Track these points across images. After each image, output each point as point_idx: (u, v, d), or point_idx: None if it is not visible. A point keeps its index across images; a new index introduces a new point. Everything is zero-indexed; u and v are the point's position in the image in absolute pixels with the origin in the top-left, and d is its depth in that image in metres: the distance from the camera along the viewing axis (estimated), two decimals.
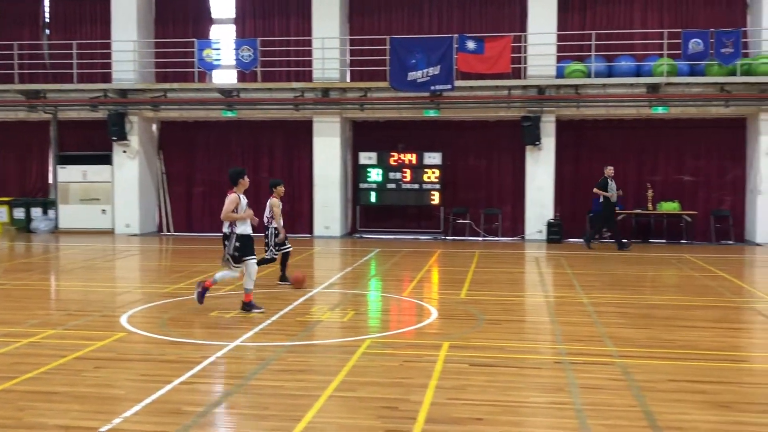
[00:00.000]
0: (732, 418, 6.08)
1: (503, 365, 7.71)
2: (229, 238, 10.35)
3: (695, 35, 19.49)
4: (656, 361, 7.90)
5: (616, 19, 21.35)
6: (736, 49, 19.28)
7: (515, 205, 21.70)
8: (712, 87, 19.99)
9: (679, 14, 21.14)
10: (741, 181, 21.11)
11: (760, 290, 12.70)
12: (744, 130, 21.15)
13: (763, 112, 19.94)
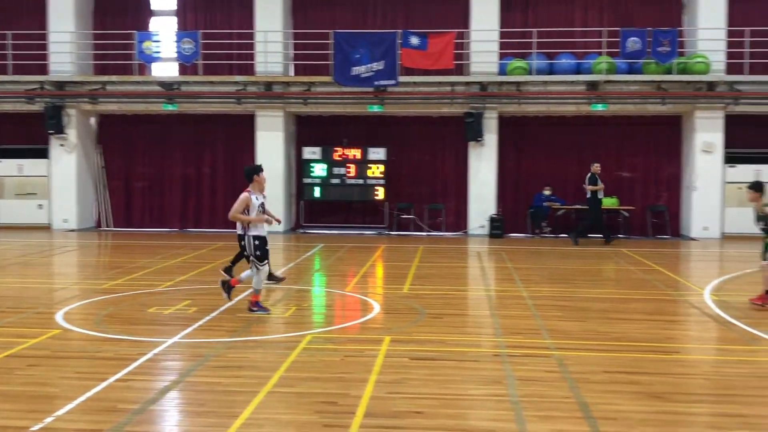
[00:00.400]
0: (664, 408, 6.24)
1: (443, 359, 7.77)
2: (245, 240, 9.95)
3: (633, 34, 19.90)
4: (592, 353, 8.06)
5: (556, 17, 21.65)
6: (672, 48, 19.75)
7: (458, 201, 21.87)
8: (650, 85, 20.45)
9: (618, 13, 21.55)
10: (677, 178, 21.65)
11: (694, 283, 13.06)
12: (680, 128, 21.69)
13: (698, 110, 20.48)
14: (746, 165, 20.63)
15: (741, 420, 5.95)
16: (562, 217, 21.33)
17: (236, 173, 22.37)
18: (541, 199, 21.26)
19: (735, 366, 7.66)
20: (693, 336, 9.44)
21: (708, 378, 7.24)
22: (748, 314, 10.07)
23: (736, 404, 6.35)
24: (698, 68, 20.04)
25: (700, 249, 18.76)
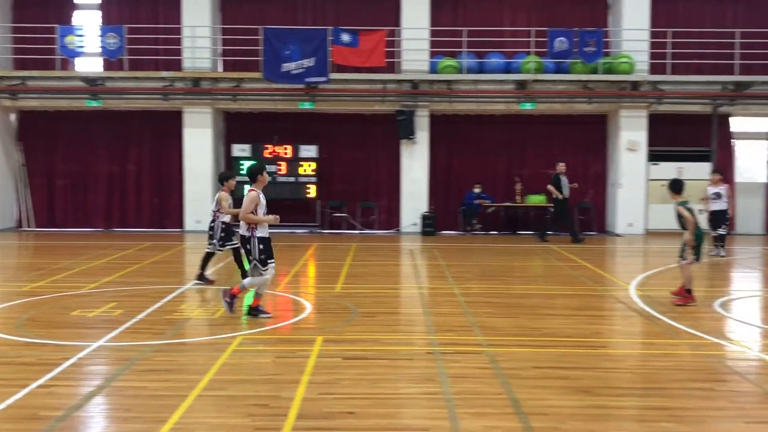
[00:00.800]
0: (592, 402, 6.34)
1: (376, 357, 7.74)
2: (250, 242, 9.37)
3: (560, 34, 20.27)
4: (522, 348, 8.16)
5: (486, 16, 21.89)
6: (598, 48, 20.19)
7: (391, 198, 21.91)
8: (576, 84, 20.87)
9: (545, 13, 21.92)
10: (602, 175, 22.18)
11: (620, 279, 13.37)
12: (605, 126, 22.21)
13: (623, 109, 21.01)
14: (669, 162, 21.27)
15: (666, 412, 6.09)
16: (492, 214, 21.58)
17: (163, 171, 21.97)
18: (471, 196, 21.47)
19: (660, 360, 7.85)
20: (619, 330, 9.65)
21: (634, 372, 7.39)
22: (671, 309, 10.35)
23: (661, 397, 6.50)
24: (623, 68, 20.54)
25: (625, 245, 19.23)
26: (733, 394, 6.61)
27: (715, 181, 16.66)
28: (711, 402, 6.41)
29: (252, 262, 9.41)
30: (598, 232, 21.69)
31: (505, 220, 21.88)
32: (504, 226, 21.80)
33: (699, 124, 21.67)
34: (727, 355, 8.06)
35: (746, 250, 18.05)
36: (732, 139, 22.17)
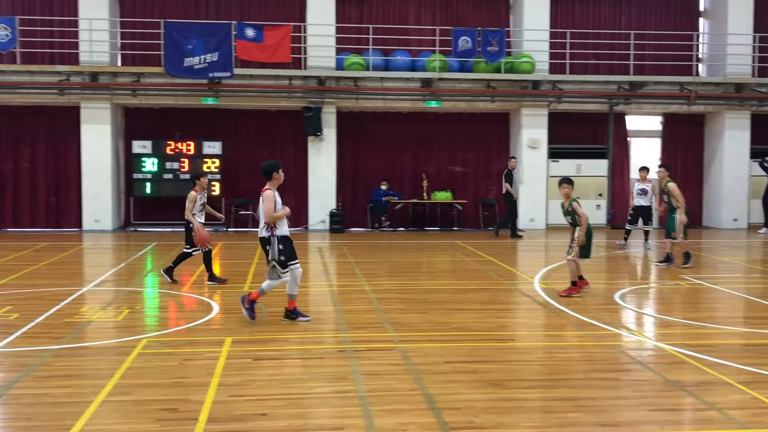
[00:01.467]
0: (502, 395, 6.44)
1: (287, 357, 7.65)
2: (270, 243, 8.97)
3: (464, 33, 20.58)
4: (433, 344, 8.23)
5: (391, 14, 22.01)
6: (500, 47, 20.62)
7: (298, 196, 21.71)
8: (480, 83, 21.24)
9: (449, 12, 22.22)
10: None
11: (524, 272, 13.68)
12: (508, 124, 22.70)
13: (524, 108, 21.52)
14: (568, 160, 21.94)
15: (573, 403, 6.25)
16: (400, 211, 21.73)
17: (60, 169, 21.09)
18: (379, 193, 21.55)
19: (565, 351, 8.06)
20: (526, 323, 9.86)
21: (542, 364, 7.56)
22: (574, 301, 10.66)
23: (567, 388, 6.66)
24: (524, 67, 21.05)
25: (527, 240, 19.70)
26: (636, 383, 6.85)
27: (643, 178, 17.32)
28: (615, 391, 6.62)
29: (270, 263, 8.97)
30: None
31: (413, 217, 22.07)
32: (412, 222, 21.99)
33: (596, 123, 22.45)
34: (628, 346, 8.35)
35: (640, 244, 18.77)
36: (627, 136, 23.05)
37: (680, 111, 22.44)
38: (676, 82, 21.75)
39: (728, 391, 6.56)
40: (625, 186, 22.81)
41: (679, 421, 6.03)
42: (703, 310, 10.60)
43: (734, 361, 7.51)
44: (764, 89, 22.04)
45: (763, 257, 16.41)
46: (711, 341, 8.48)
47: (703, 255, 16.40)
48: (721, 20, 22.35)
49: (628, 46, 21.78)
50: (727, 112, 22.15)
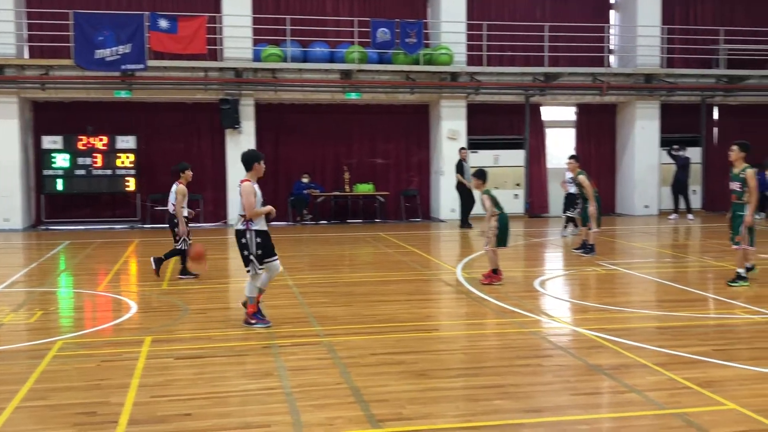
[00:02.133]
0: (428, 386, 6.46)
1: (211, 355, 7.49)
2: (246, 236, 8.43)
3: (382, 25, 20.59)
4: (359, 336, 8.20)
5: (309, 5, 21.83)
6: (418, 39, 20.71)
7: (217, 190, 21.35)
8: (399, 75, 21.29)
9: (367, 3, 22.18)
10: (426, 163, 22.82)
11: (446, 262, 13.81)
12: (428, 116, 22.85)
13: (443, 99, 21.69)
14: (487, 150, 22.22)
15: (498, 390, 6.32)
16: (321, 204, 21.62)
17: None
18: (300, 186, 21.39)
19: (488, 339, 8.17)
20: (450, 313, 9.95)
21: (466, 352, 7.63)
22: (495, 289, 10.82)
23: (492, 375, 6.74)
24: (442, 59, 21.21)
25: (448, 230, 19.91)
26: (558, 368, 6.99)
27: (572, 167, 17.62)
28: (538, 377, 6.73)
29: (249, 261, 8.45)
30: (423, 218, 22.32)
31: (335, 210, 22.00)
32: (334, 215, 21.91)
33: (513, 113, 22.83)
34: (550, 332, 8.52)
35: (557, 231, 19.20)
36: (543, 127, 23.53)
37: (593, 101, 23.04)
38: (589, 74, 22.31)
39: (646, 373, 6.76)
40: (542, 175, 23.28)
41: (601, 404, 6.18)
42: (619, 295, 10.91)
43: (650, 343, 7.74)
44: (672, 79, 22.83)
45: (674, 242, 17.02)
46: (627, 325, 8.73)
47: (617, 241, 16.89)
48: (631, 13, 23.03)
49: (542, 38, 22.21)
50: (637, 102, 22.86)
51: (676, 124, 23.53)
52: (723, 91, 23.38)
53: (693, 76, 23.08)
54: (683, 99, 23.42)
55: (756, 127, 24.26)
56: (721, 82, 23.25)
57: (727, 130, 24.36)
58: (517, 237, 17.88)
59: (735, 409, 5.76)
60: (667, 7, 23.16)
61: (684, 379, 6.49)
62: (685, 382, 6.42)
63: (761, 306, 9.47)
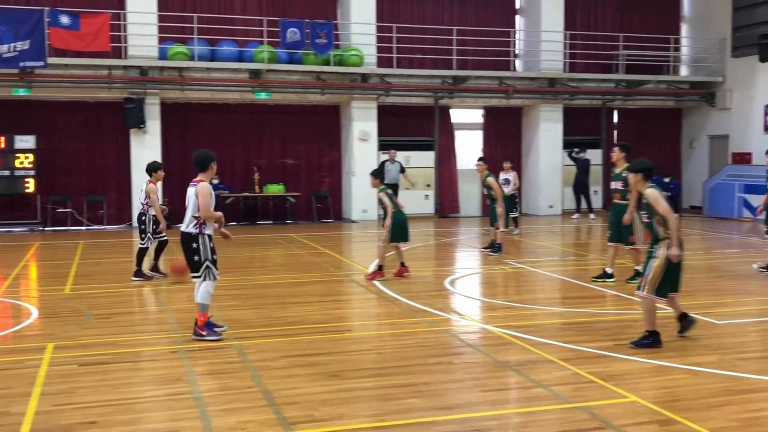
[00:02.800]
0: (341, 386, 6.47)
1: (116, 361, 7.27)
2: (197, 240, 8.03)
3: (292, 25, 20.47)
4: (270, 339, 8.13)
5: (216, 3, 21.47)
6: (329, 40, 20.69)
7: (121, 192, 20.73)
8: (310, 75, 21.21)
9: (277, 3, 21.99)
10: (337, 164, 22.81)
11: (358, 263, 13.84)
12: (339, 117, 22.85)
13: (354, 100, 21.73)
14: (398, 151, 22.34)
15: (411, 389, 6.38)
16: (231, 205, 21.28)
17: None
18: None
19: (400, 338, 8.23)
20: (362, 313, 9.99)
21: (379, 352, 7.68)
22: (407, 289, 10.92)
23: (404, 375, 6.80)
24: (353, 61, 21.25)
25: (360, 231, 19.97)
26: (469, 365, 7.12)
27: (506, 169, 18.03)
28: (450, 375, 6.84)
29: (204, 264, 8.04)
30: (335, 219, 22.30)
31: (245, 211, 21.71)
32: (243, 216, 21.62)
33: (423, 115, 23.10)
34: (460, 330, 8.66)
35: (467, 231, 19.58)
36: (453, 129, 23.89)
37: (500, 104, 23.54)
38: (496, 77, 22.79)
39: (552, 368, 6.95)
40: (453, 176, 23.61)
41: (510, 400, 6.32)
42: (526, 293, 11.20)
43: (556, 339, 7.98)
44: (574, 84, 23.57)
45: (576, 241, 17.56)
46: (534, 322, 8.96)
47: (523, 240, 17.31)
48: (536, 18, 23.65)
49: (451, 41, 22.55)
50: (541, 106, 23.49)
51: (578, 127, 24.32)
52: (622, 96, 24.29)
53: (594, 81, 23.90)
54: (585, 103, 24.23)
55: (652, 129, 25.40)
56: (620, 86, 24.15)
57: (626, 133, 25.30)
58: (427, 237, 18.11)
59: (636, 401, 6.00)
60: (569, 12, 23.89)
61: (588, 374, 6.72)
62: (589, 377, 6.64)
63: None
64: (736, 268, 12.75)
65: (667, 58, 24.78)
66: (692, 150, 25.49)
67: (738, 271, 12.49)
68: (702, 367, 6.95)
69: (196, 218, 8.08)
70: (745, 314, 9.38)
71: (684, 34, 25.82)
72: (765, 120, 22.56)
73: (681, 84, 24.79)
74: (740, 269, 12.67)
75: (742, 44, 23.15)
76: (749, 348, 7.76)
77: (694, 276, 11.90)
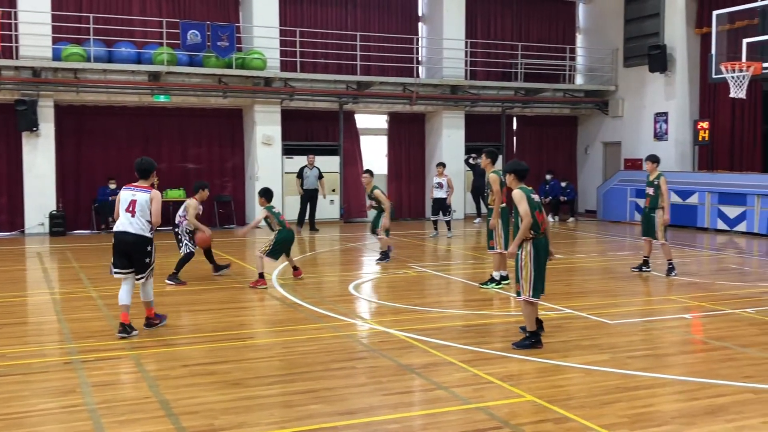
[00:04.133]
0: (242, 395, 6.39)
1: (5, 374, 6.95)
2: (152, 245, 8.68)
3: (193, 27, 20.11)
4: (169, 348, 7.95)
5: (113, 3, 20.85)
6: (231, 42, 20.41)
7: (12, 197, 19.82)
8: (211, 78, 20.86)
9: (177, 4, 21.55)
10: (241, 168, 22.51)
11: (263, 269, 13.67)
12: (242, 120, 22.57)
13: (257, 104, 21.51)
14: (301, 156, 22.22)
15: (313, 395, 6.37)
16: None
17: None
18: (106, 192, 20.34)
19: (304, 344, 8.19)
20: (264, 320, 9.89)
21: (281, 359, 7.61)
22: (310, 294, 10.89)
23: (307, 381, 6.77)
24: (255, 64, 21.04)
25: (264, 236, 19.67)
26: (371, 369, 7.15)
27: (440, 173, 18.73)
28: (352, 380, 6.85)
29: (152, 265, 8.70)
30: (238, 224, 21.99)
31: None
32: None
33: (328, 120, 23.09)
34: (363, 334, 8.71)
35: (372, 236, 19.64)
36: (358, 134, 23.98)
37: (404, 110, 23.79)
38: (400, 83, 23.02)
39: (453, 370, 7.07)
40: (359, 181, 23.66)
41: (411, 403, 6.39)
42: (428, 296, 11.35)
43: (456, 341, 8.12)
44: (475, 91, 24.06)
45: (476, 245, 17.89)
46: (436, 324, 9.08)
47: (427, 244, 17.54)
48: (438, 25, 24.03)
49: (355, 47, 22.64)
50: (444, 112, 23.87)
51: (480, 133, 24.84)
52: (521, 103, 24.95)
53: (494, 88, 24.46)
54: (485, 110, 24.77)
55: (550, 136, 26.26)
56: (519, 94, 24.81)
57: (525, 140, 26.12)
58: (333, 242, 18.12)
59: (532, 400, 6.18)
60: (470, 21, 24.40)
61: (487, 375, 6.87)
62: (488, 377, 6.79)
63: (555, 303, 10.20)
64: (628, 270, 13.29)
65: (564, 68, 25.65)
66: (587, 156, 26.44)
67: (630, 273, 13.02)
68: (595, 365, 7.22)
69: (150, 222, 8.53)
70: (636, 314, 9.79)
71: (579, 45, 26.80)
72: (654, 127, 23.64)
73: (576, 92, 25.68)
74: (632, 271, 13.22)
75: (633, 55, 24.19)
76: (639, 346, 8.10)
77: (588, 278, 12.35)
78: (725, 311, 9.80)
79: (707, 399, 6.26)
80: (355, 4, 23.71)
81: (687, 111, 23.05)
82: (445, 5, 23.68)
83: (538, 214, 7.87)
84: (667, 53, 22.67)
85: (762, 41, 17.03)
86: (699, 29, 22.42)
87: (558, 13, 26.34)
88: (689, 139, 22.79)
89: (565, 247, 16.05)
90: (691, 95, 23.10)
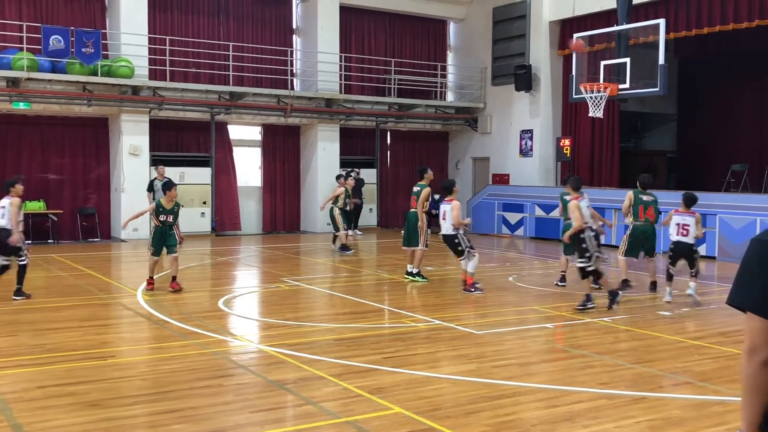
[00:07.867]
0: (102, 416, 6.11)
1: None
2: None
3: (56, 32, 19.22)
4: (24, 368, 7.52)
5: None
6: (96, 49, 19.64)
7: None
8: (75, 85, 19.99)
9: (38, 9, 20.56)
10: (106, 179, 21.65)
11: (126, 285, 13.20)
12: (107, 130, 21.74)
13: (124, 113, 20.78)
14: (172, 168, 21.64)
15: (177, 414, 6.17)
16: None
17: None
18: None
19: (169, 363, 7.93)
20: (128, 338, 9.51)
21: (144, 378, 7.34)
22: (178, 311, 10.58)
23: (171, 400, 6.56)
24: (122, 72, 20.33)
25: (130, 250, 19.08)
26: (239, 387, 7.01)
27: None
28: (219, 398, 6.68)
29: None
30: (102, 238, 21.13)
31: None
32: None
33: (199, 131, 22.61)
34: (232, 351, 8.52)
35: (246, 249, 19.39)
36: (232, 145, 23.59)
37: (278, 122, 23.63)
38: (274, 95, 22.85)
39: (322, 384, 7.04)
40: (233, 193, 23.27)
41: (280, 419, 6.30)
42: (301, 310, 11.27)
43: (327, 355, 8.09)
44: (350, 105, 24.23)
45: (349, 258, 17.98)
46: (308, 339, 9.03)
47: (301, 258, 17.45)
48: (312, 39, 24.05)
49: (227, 57, 22.31)
50: (319, 125, 23.88)
51: (355, 147, 25.05)
52: (394, 118, 25.34)
53: (368, 103, 24.72)
54: (360, 124, 25.00)
55: (423, 150, 26.82)
56: (393, 109, 25.17)
57: (398, 154, 26.52)
58: (203, 256, 17.71)
59: (400, 413, 6.23)
60: (344, 36, 24.60)
61: (356, 388, 6.87)
62: (357, 391, 6.79)
63: (427, 315, 10.37)
64: (496, 281, 13.70)
65: (435, 84, 26.26)
66: (458, 171, 27.14)
67: (497, 284, 13.43)
68: (462, 375, 7.38)
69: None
70: (503, 324, 10.09)
71: (450, 63, 27.52)
72: (520, 144, 24.56)
73: (447, 109, 26.34)
74: (499, 282, 13.64)
75: (500, 74, 25.07)
76: (504, 356, 8.34)
77: (458, 289, 12.64)
78: (584, 320, 10.26)
79: (565, 406, 6.52)
80: (228, 14, 23.40)
81: (550, 128, 24.10)
82: (319, 20, 23.75)
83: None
84: (532, 73, 23.65)
85: (618, 63, 18.02)
86: (561, 51, 23.51)
87: (430, 31, 26.98)
88: (552, 156, 23.81)
89: (437, 260, 16.39)
90: (554, 113, 24.17)
